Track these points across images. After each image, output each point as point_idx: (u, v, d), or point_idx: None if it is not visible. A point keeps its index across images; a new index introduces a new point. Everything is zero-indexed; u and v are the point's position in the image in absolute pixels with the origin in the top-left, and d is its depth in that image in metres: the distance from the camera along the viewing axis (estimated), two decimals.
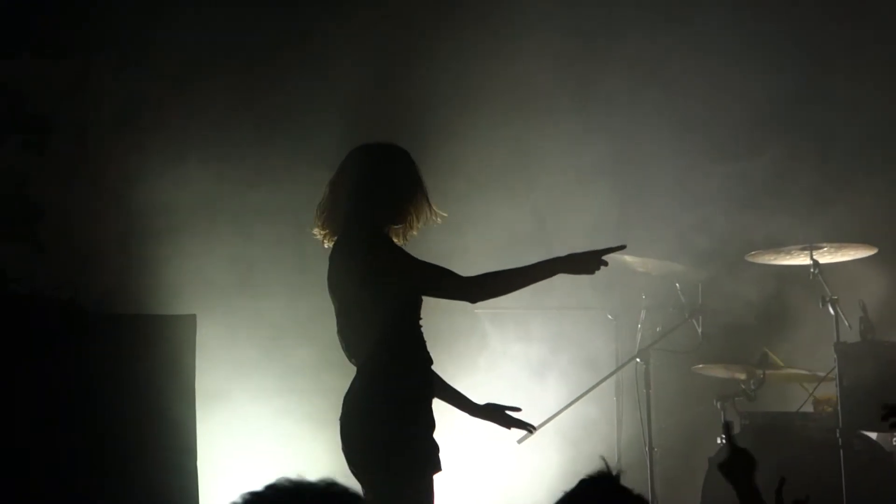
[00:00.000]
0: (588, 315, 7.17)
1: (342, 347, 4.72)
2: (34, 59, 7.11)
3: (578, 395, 6.76)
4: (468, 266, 4.81)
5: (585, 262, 4.64)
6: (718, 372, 6.85)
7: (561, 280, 4.83)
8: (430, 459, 4.58)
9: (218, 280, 6.56)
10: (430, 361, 4.74)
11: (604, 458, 3.15)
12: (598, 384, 6.81)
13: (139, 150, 6.67)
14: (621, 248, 4.68)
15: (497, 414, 4.93)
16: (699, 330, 6.88)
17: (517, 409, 4.91)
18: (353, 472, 4.60)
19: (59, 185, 7.03)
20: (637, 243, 6.82)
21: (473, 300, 4.76)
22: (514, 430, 4.97)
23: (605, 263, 4.66)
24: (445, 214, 4.81)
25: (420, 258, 4.67)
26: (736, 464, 3.71)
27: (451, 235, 6.40)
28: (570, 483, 3.77)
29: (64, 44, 7.07)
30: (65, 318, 5.54)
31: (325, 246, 4.81)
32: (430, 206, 4.81)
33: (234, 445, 6.48)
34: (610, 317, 7.21)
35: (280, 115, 6.94)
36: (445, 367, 6.24)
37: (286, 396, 6.44)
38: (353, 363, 4.71)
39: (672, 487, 7.05)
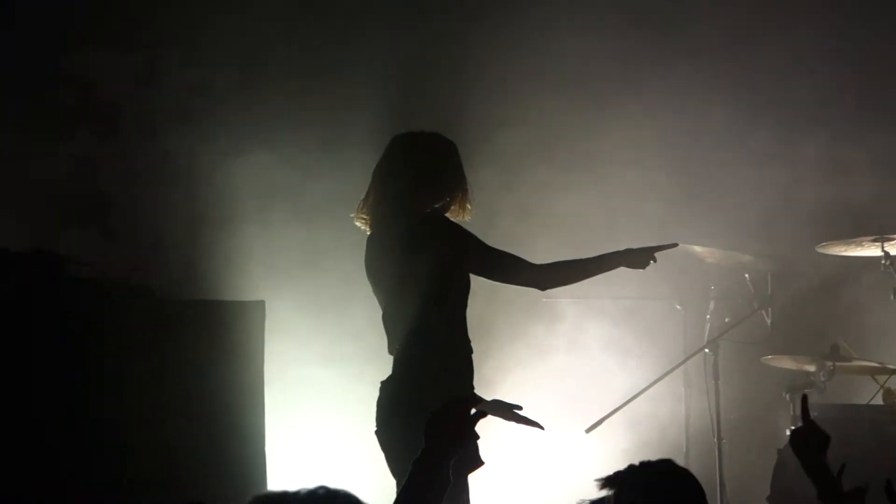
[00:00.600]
0: (657, 305, 7.12)
1: (386, 333, 4.78)
2: (104, 50, 7.26)
3: (646, 385, 6.72)
4: (535, 254, 4.85)
5: (640, 258, 4.87)
6: (787, 363, 6.78)
7: (628, 270, 4.91)
8: (469, 453, 4.57)
9: (285, 266, 6.61)
10: (471, 350, 4.76)
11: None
12: (665, 375, 6.76)
13: (206, 140, 6.74)
14: (673, 245, 4.93)
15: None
16: (768, 321, 6.83)
17: (519, 408, 4.91)
18: (387, 458, 4.70)
19: (128, 174, 7.16)
20: (705, 234, 6.80)
21: (543, 287, 4.86)
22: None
23: (655, 260, 4.88)
24: (473, 211, 4.87)
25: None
26: (809, 438, 3.66)
27: (519, 222, 6.43)
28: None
29: (133, 36, 7.23)
30: (137, 304, 5.60)
31: (368, 232, 4.87)
32: (467, 199, 4.87)
33: (302, 431, 6.51)
34: (679, 307, 7.16)
35: (340, 103, 6.98)
36: (519, 354, 6.26)
37: (354, 384, 6.45)
38: (391, 351, 4.76)
39: (740, 479, 6.99)
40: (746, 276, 6.89)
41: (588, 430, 6.34)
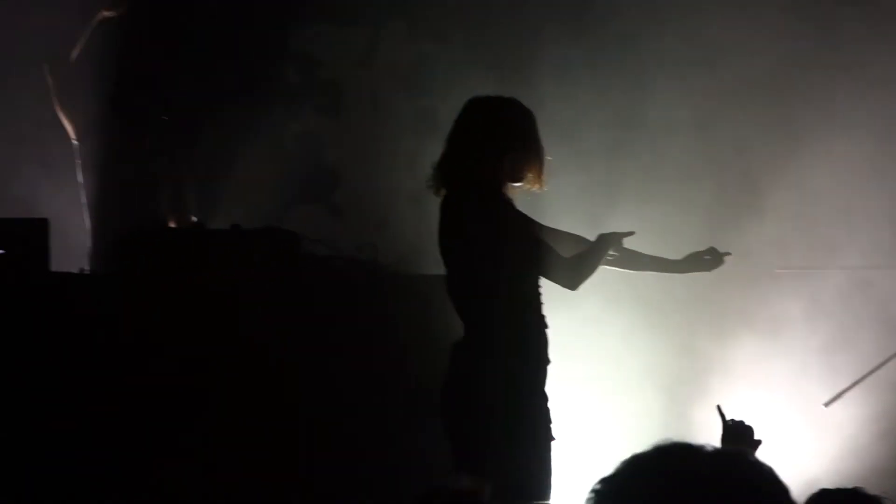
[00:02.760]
0: (889, 275, 6.93)
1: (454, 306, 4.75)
2: (328, 26, 7.38)
3: (882, 360, 6.55)
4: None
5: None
6: None
7: (857, 236, 4.86)
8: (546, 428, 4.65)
9: None
10: (546, 325, 4.73)
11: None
12: None
13: (428, 115, 6.81)
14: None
15: (700, 261, 5.00)
16: None
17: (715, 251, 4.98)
18: (453, 436, 4.67)
19: (353, 150, 7.28)
20: None
21: (573, 288, 4.75)
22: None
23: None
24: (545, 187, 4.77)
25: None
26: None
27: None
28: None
29: (355, 12, 7.30)
30: (368, 278, 5.75)
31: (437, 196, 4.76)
32: (542, 170, 4.74)
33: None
34: None
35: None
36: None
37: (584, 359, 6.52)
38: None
39: None
40: None
41: (826, 405, 6.19)
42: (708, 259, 4.99)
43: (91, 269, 6.01)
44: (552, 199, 5.26)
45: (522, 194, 4.80)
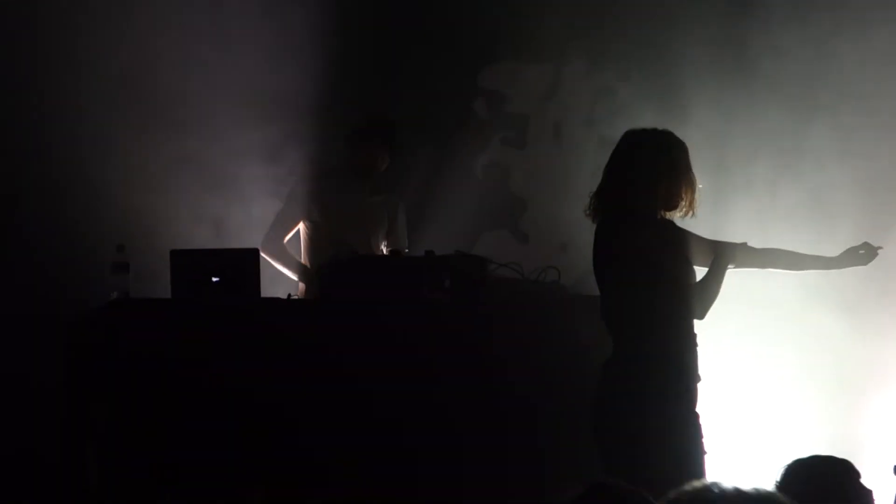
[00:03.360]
0: None
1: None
2: (514, 64, 7.79)
3: None
4: None
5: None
6: None
7: None
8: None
9: None
10: (696, 343, 4.89)
11: None
12: None
13: (606, 145, 7.04)
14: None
15: (857, 256, 5.21)
16: None
17: (869, 245, 5.21)
18: (604, 452, 4.83)
19: (537, 179, 7.61)
20: None
21: (701, 318, 4.95)
22: None
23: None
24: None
25: None
26: None
27: None
28: None
29: (540, 50, 7.69)
30: (551, 298, 5.93)
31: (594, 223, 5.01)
32: (694, 198, 4.93)
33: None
34: None
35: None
36: None
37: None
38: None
39: None
40: None
41: None
42: (863, 253, 5.24)
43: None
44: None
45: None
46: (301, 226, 6.78)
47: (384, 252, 6.74)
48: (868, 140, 6.95)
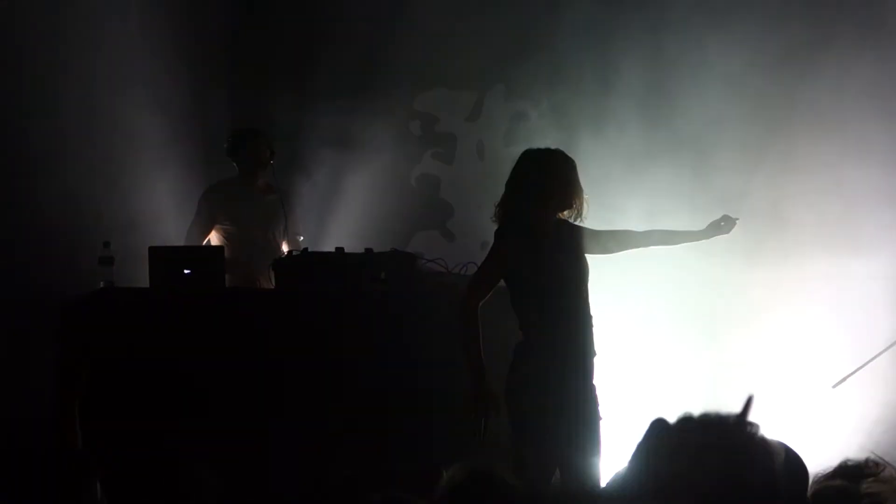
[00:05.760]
0: None
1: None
2: (444, 90, 8.49)
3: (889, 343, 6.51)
4: None
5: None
6: None
7: None
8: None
9: None
10: (588, 321, 5.38)
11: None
12: None
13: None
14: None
15: (719, 227, 5.68)
16: None
17: (728, 217, 5.63)
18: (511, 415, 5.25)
19: (462, 189, 8.32)
20: None
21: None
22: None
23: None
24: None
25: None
26: None
27: None
28: None
29: (466, 79, 8.36)
30: None
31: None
32: (581, 207, 5.40)
33: None
34: None
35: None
36: None
37: None
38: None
39: None
40: None
41: (834, 386, 6.44)
42: (723, 225, 5.69)
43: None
44: None
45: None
46: (213, 231, 7.27)
47: (284, 241, 7.21)
48: None
